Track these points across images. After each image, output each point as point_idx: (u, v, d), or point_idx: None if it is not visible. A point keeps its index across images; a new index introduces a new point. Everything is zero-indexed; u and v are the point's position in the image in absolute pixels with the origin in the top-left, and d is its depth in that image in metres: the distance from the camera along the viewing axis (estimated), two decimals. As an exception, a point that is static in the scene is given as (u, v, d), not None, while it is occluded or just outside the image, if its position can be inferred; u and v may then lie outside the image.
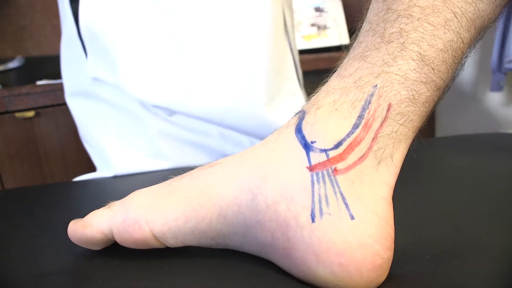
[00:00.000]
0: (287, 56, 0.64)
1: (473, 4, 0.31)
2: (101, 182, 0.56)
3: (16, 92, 1.26)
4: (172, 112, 0.59)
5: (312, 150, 0.29)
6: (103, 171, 0.62)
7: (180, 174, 0.34)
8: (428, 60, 0.30)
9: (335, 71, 0.32)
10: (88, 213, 0.34)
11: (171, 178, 0.34)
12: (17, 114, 1.28)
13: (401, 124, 0.30)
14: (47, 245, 0.37)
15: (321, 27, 1.39)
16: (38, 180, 1.33)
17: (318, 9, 1.40)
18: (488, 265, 0.30)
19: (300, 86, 0.67)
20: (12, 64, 1.48)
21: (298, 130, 0.30)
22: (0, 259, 0.36)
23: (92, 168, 0.67)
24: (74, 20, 0.57)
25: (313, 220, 0.28)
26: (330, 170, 0.28)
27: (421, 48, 0.30)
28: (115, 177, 0.59)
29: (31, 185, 0.58)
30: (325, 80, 0.32)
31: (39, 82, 1.30)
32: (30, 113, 1.28)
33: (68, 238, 0.34)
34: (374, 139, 0.29)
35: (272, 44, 0.59)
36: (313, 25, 1.40)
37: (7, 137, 1.30)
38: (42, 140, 1.32)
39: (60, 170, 0.78)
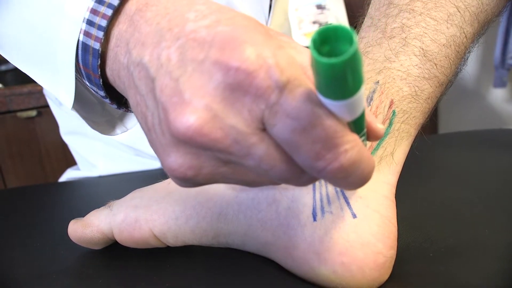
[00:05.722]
0: None
1: (476, -2, 0.30)
2: (102, 182, 0.56)
3: (18, 91, 1.26)
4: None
5: (313, 148, 0.29)
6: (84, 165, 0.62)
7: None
8: (431, 55, 0.29)
9: None
10: (88, 213, 0.34)
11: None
12: (19, 114, 1.28)
13: (403, 122, 0.29)
14: (47, 244, 0.37)
15: (322, 25, 1.39)
16: (40, 179, 1.33)
17: (319, 7, 1.40)
18: (492, 262, 0.30)
19: None
20: (14, 64, 1.48)
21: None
22: (1, 258, 0.36)
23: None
24: None
25: (314, 219, 0.28)
26: (331, 168, 0.28)
27: (423, 43, 0.29)
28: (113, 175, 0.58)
29: (33, 184, 0.58)
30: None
31: (41, 81, 1.30)
32: (32, 113, 1.28)
33: (69, 237, 0.33)
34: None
35: None
36: (314, 22, 1.39)
37: (9, 136, 1.30)
38: (44, 139, 1.32)
39: (62, 169, 0.78)
